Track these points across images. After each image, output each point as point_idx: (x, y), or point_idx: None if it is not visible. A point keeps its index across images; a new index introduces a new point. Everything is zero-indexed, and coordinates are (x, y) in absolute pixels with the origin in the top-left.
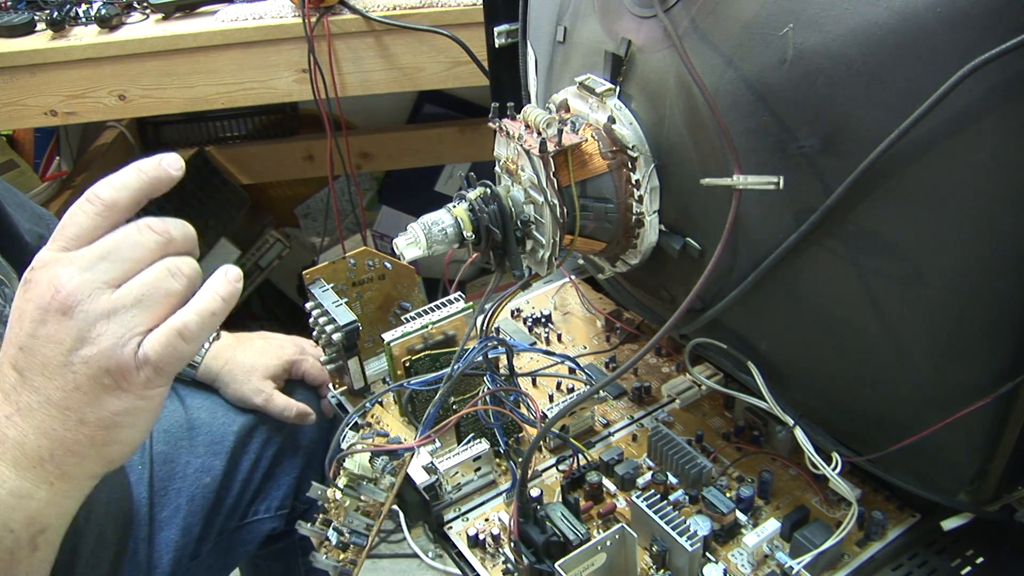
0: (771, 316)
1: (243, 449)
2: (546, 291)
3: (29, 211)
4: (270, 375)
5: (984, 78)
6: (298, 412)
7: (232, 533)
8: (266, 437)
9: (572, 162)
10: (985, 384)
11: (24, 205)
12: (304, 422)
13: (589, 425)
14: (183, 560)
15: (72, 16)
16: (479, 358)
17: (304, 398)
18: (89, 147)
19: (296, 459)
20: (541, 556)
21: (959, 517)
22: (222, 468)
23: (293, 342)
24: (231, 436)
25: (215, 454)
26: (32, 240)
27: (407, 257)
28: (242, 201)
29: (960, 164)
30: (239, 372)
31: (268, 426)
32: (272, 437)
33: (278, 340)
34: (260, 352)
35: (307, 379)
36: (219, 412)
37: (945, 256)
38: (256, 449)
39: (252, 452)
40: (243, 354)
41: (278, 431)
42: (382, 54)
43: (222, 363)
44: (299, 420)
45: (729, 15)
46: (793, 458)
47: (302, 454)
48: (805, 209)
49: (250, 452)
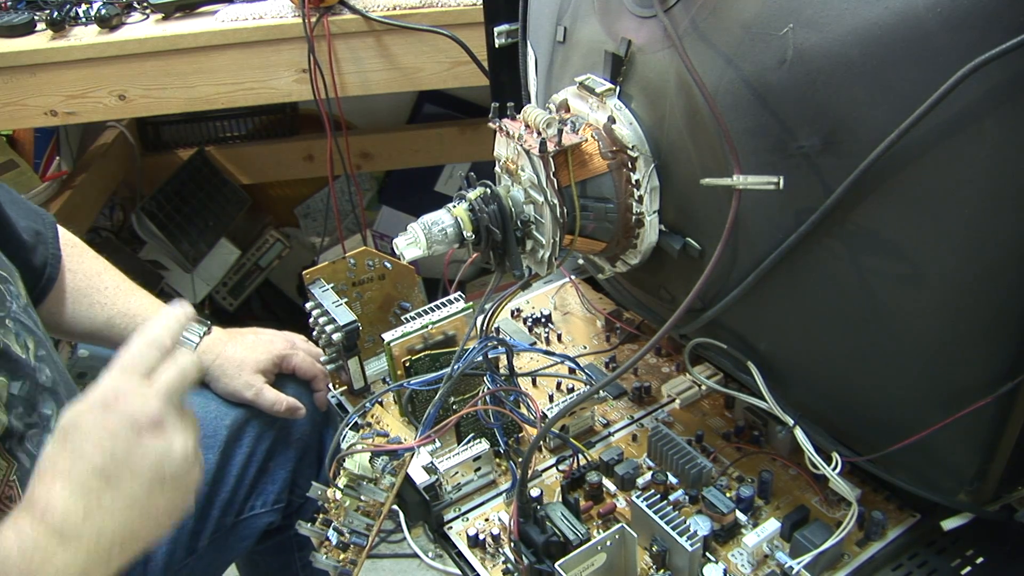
0: (771, 316)
1: (236, 444)
2: (546, 291)
3: (24, 208)
4: (260, 369)
5: (984, 78)
6: (288, 406)
7: (228, 529)
8: (258, 432)
9: (572, 162)
10: (985, 384)
11: (18, 202)
12: (294, 416)
13: (589, 425)
14: (178, 555)
15: (72, 16)
16: (479, 358)
17: (295, 392)
18: (89, 147)
19: (289, 453)
20: (541, 556)
21: (959, 517)
22: (215, 462)
23: (284, 337)
24: (223, 431)
25: (207, 448)
26: (29, 237)
27: (407, 257)
28: (242, 201)
29: (960, 164)
30: (229, 367)
31: (260, 420)
32: (265, 432)
33: (268, 335)
34: (250, 347)
35: (298, 373)
36: (211, 407)
37: (945, 256)
38: (249, 443)
39: (245, 446)
40: (233, 349)
41: (270, 425)
42: (382, 54)
43: (212, 357)
44: (289, 415)
45: (729, 15)
46: (793, 458)
47: (294, 448)
48: (805, 209)
49: (243, 446)
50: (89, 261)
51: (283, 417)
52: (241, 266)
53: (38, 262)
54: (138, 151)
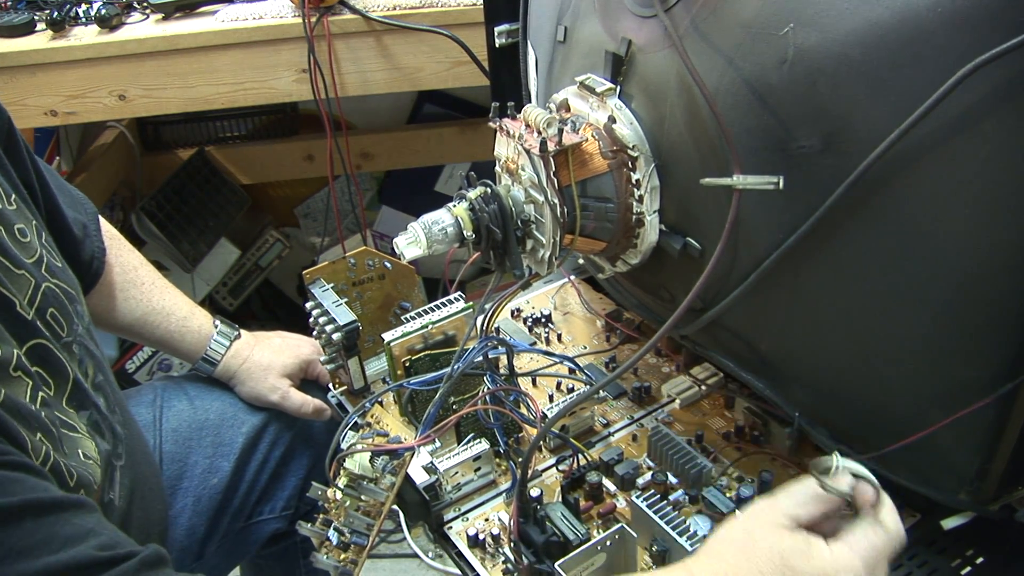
0: (771, 316)
1: (251, 451)
2: (546, 291)
3: (69, 196)
4: (287, 373)
5: (984, 78)
6: (315, 408)
7: (236, 534)
8: (273, 439)
9: (572, 162)
10: (985, 384)
11: (63, 188)
12: (321, 418)
13: (589, 425)
14: (187, 560)
15: (72, 16)
16: (479, 358)
17: (318, 398)
18: (89, 147)
19: (303, 460)
20: (541, 556)
21: (959, 516)
22: (230, 469)
23: (310, 342)
24: (240, 437)
25: (223, 455)
26: (78, 231)
27: (407, 257)
28: (242, 201)
29: (960, 164)
30: (256, 370)
31: (276, 428)
32: (279, 439)
33: (296, 339)
34: (277, 350)
35: (320, 380)
36: (228, 413)
37: (945, 255)
38: (264, 450)
39: (260, 453)
40: (260, 353)
41: (286, 432)
42: (382, 54)
43: (240, 361)
44: (316, 416)
45: (729, 15)
46: (793, 458)
47: (309, 455)
48: (805, 209)
49: (258, 454)
50: (126, 254)
51: (308, 419)
52: (241, 266)
53: (86, 257)
54: (138, 151)
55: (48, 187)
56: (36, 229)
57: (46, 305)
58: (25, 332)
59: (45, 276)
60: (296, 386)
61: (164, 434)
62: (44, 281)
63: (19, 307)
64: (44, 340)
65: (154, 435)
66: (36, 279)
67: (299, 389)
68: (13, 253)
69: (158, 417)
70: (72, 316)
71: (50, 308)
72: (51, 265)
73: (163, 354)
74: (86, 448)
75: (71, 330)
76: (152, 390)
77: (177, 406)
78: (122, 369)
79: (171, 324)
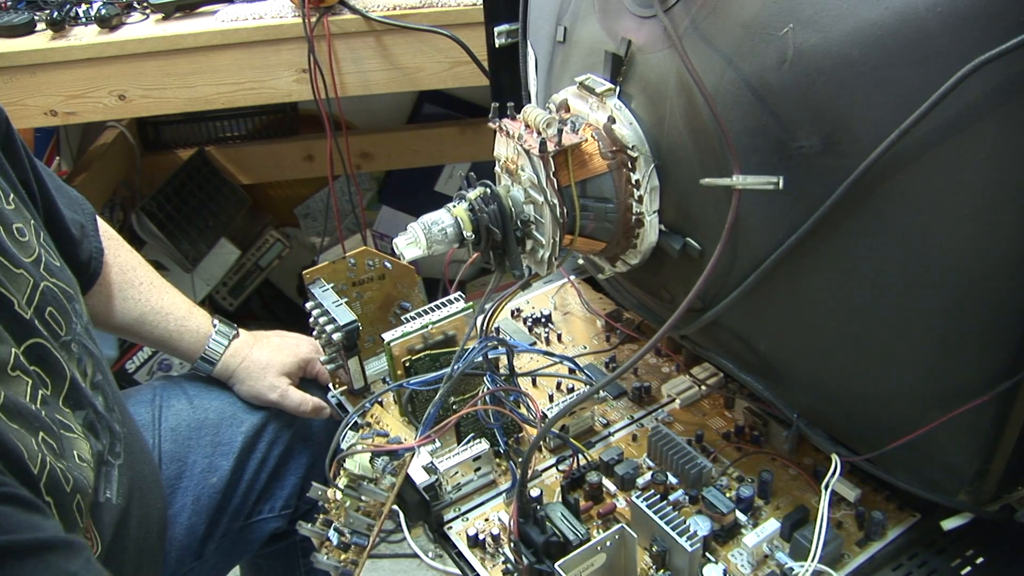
0: (771, 316)
1: (251, 449)
2: (546, 291)
3: (66, 196)
4: (285, 372)
5: (984, 78)
6: (314, 406)
7: (236, 533)
8: (273, 438)
9: (572, 162)
10: (984, 382)
11: (61, 189)
12: (320, 416)
13: (589, 425)
14: (186, 560)
15: (72, 16)
16: (479, 358)
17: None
18: (89, 147)
19: (302, 459)
20: (541, 556)
21: (959, 517)
22: (229, 468)
23: (309, 341)
24: (239, 436)
25: (222, 454)
26: (76, 231)
27: (407, 257)
28: (242, 201)
29: (960, 164)
30: (255, 369)
31: (275, 427)
32: (279, 437)
33: (294, 338)
34: (276, 349)
35: (320, 379)
36: (227, 412)
37: (945, 255)
38: (263, 449)
39: (259, 452)
40: (259, 351)
41: (285, 431)
42: (382, 54)
43: (239, 360)
44: (315, 415)
45: (729, 15)
46: (793, 458)
47: (308, 454)
48: (805, 209)
49: (257, 452)
50: (124, 254)
51: (308, 417)
52: (241, 266)
53: (84, 257)
54: (138, 151)
55: (46, 187)
56: (34, 229)
57: (44, 304)
58: (23, 331)
59: (43, 275)
60: (295, 385)
61: (163, 433)
62: (42, 280)
63: (17, 306)
64: (42, 339)
65: (153, 434)
66: (34, 278)
67: (298, 388)
68: (11, 252)
69: (157, 416)
70: (71, 315)
71: (48, 307)
72: (49, 264)
73: (163, 354)
74: (80, 449)
75: (69, 329)
76: (151, 389)
77: (176, 405)
78: (122, 369)
79: (169, 324)
